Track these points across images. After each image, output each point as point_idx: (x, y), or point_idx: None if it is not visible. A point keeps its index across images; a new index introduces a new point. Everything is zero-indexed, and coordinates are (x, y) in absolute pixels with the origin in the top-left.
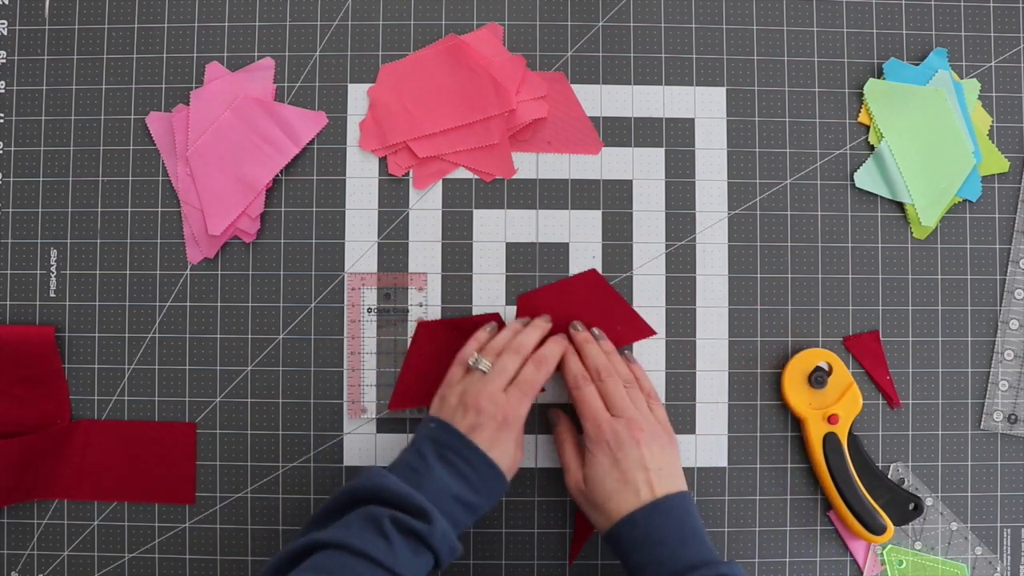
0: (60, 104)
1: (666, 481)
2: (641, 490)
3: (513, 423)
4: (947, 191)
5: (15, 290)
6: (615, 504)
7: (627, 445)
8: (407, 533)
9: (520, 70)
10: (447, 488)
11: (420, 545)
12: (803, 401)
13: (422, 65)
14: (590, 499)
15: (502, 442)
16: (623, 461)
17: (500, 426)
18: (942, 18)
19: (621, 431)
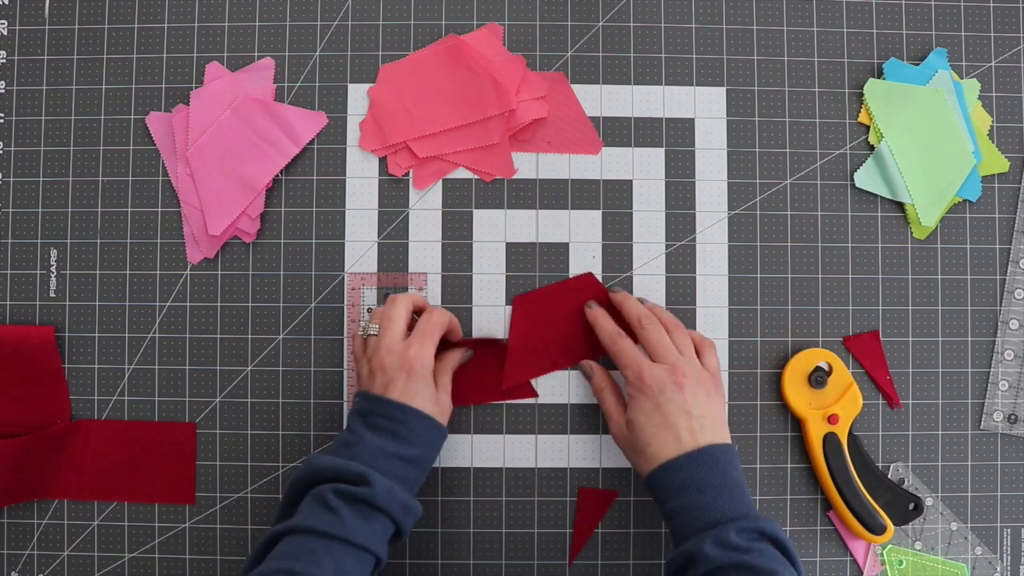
0: (60, 104)
1: (709, 430)
2: (683, 436)
3: (421, 368)
4: (947, 191)
5: (15, 290)
6: (656, 448)
7: (669, 389)
8: (351, 500)
9: (520, 70)
10: (381, 449)
11: (369, 509)
12: (803, 401)
13: (422, 65)
14: (633, 444)
15: (418, 389)
16: (665, 405)
17: (409, 375)
18: (942, 18)
19: (664, 375)
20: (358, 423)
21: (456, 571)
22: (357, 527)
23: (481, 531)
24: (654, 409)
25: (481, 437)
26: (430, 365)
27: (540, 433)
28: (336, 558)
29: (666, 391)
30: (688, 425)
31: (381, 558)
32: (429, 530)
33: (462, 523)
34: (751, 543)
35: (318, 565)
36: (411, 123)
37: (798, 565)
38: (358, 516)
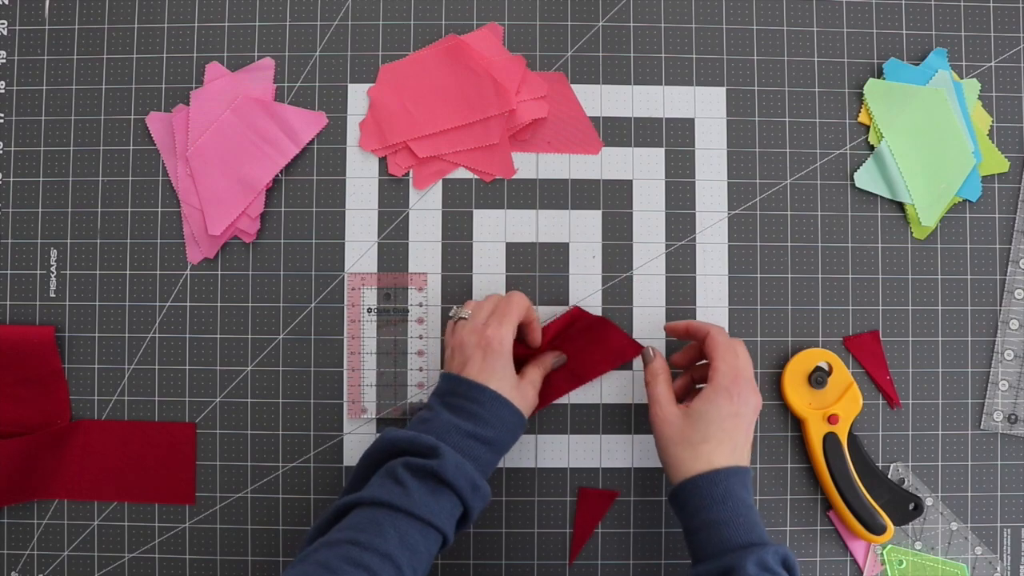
0: (60, 104)
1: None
2: (737, 453)
3: (498, 348)
4: (947, 191)
5: (15, 290)
6: (710, 448)
7: (750, 410)
8: (419, 473)
9: (520, 70)
10: (456, 427)
11: (437, 483)
12: (803, 401)
13: (422, 65)
14: (687, 434)
15: (495, 370)
16: (743, 419)
17: (486, 353)
18: (942, 18)
19: (752, 396)
20: (437, 402)
21: (456, 571)
22: (424, 501)
23: (481, 531)
24: (732, 415)
25: None
26: (509, 346)
27: (540, 433)
28: (401, 531)
29: (748, 408)
30: (744, 446)
31: (447, 536)
32: None
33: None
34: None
35: (383, 536)
36: (411, 123)
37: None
38: (426, 490)
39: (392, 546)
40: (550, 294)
